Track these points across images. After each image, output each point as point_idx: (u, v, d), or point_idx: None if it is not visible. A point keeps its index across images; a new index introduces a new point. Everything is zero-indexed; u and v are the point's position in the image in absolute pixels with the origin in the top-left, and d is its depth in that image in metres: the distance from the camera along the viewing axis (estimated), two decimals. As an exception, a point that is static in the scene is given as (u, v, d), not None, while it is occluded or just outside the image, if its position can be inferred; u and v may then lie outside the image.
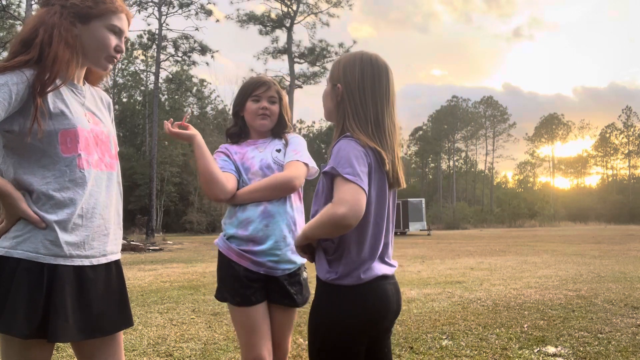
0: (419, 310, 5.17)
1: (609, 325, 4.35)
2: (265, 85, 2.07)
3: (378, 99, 1.45)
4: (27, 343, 1.40)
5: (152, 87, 29.39)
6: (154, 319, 4.92)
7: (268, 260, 1.93)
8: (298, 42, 31.68)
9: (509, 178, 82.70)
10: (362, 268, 1.40)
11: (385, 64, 1.50)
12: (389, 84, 1.48)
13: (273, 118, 2.08)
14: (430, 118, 72.03)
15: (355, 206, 1.27)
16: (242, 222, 1.94)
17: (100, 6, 1.51)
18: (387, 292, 1.45)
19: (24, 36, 1.45)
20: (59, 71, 1.46)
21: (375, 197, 1.41)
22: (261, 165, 2.00)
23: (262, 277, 1.94)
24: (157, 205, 37.01)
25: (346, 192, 1.29)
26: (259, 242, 1.92)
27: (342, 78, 1.46)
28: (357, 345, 1.41)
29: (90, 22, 1.51)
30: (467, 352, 3.63)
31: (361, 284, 1.40)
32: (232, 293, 1.94)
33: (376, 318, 1.43)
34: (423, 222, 32.54)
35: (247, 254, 1.93)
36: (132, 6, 27.71)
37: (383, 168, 1.42)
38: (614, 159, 74.07)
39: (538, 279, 7.66)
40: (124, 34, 1.59)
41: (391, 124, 1.47)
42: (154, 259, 13.13)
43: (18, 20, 21.71)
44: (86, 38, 1.52)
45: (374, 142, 1.41)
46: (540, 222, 54.77)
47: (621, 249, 14.06)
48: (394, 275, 1.53)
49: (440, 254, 13.57)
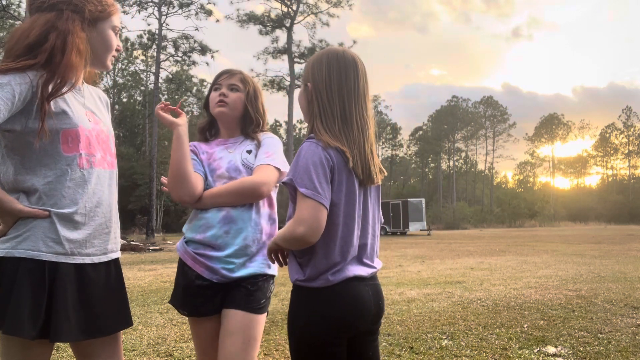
0: (419, 310, 5.17)
1: (609, 325, 4.35)
2: (227, 73, 1.94)
3: (345, 94, 1.44)
4: (29, 343, 1.39)
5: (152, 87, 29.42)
6: (154, 319, 4.92)
7: (222, 267, 1.77)
8: (298, 42, 31.71)
9: (509, 178, 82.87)
10: (331, 270, 1.39)
11: (354, 58, 1.49)
12: (358, 77, 1.47)
13: (233, 106, 1.89)
14: (430, 118, 72.09)
15: (313, 224, 1.31)
16: (202, 226, 1.80)
17: (107, 9, 1.56)
18: (360, 293, 1.42)
19: (31, 40, 1.43)
20: (70, 77, 1.48)
21: (344, 198, 1.39)
22: (228, 168, 1.85)
23: (216, 285, 1.78)
24: (157, 205, 37.01)
25: (304, 211, 1.32)
26: (216, 248, 1.78)
27: (310, 77, 1.48)
28: (332, 347, 1.39)
29: (97, 25, 1.55)
30: (467, 352, 3.63)
31: (330, 286, 1.39)
32: (182, 302, 1.84)
33: (348, 319, 1.40)
34: (423, 222, 32.55)
35: (202, 259, 1.78)
36: (132, 6, 27.73)
37: (349, 166, 1.39)
38: (614, 159, 74.14)
39: (538, 279, 7.66)
40: (118, 33, 1.64)
41: (360, 118, 1.45)
42: (154, 259, 13.13)
43: (18, 20, 21.71)
44: (95, 41, 1.55)
45: (338, 141, 1.39)
46: (540, 222, 54.79)
47: (621, 249, 14.06)
48: (373, 277, 1.50)
49: (440, 254, 13.56)
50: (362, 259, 1.46)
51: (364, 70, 1.49)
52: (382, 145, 72.95)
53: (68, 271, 1.44)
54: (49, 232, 1.43)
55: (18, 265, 1.39)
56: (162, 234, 34.58)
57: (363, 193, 1.46)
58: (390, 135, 72.91)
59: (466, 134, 70.31)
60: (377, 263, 1.53)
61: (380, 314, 1.51)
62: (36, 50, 1.42)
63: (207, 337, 1.83)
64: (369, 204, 1.48)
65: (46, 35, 1.43)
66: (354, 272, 1.42)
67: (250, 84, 1.95)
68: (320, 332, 1.39)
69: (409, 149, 75.42)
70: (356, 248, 1.44)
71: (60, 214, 1.45)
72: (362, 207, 1.46)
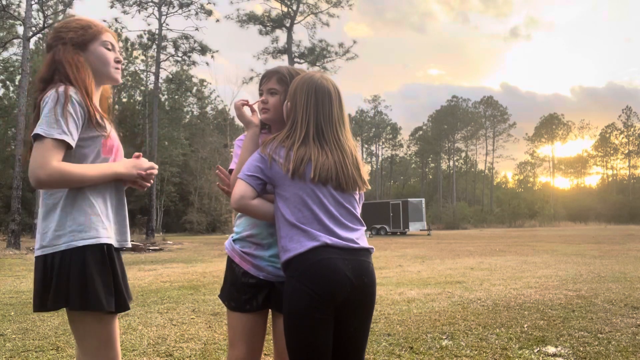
0: (419, 310, 5.17)
1: (609, 325, 4.35)
2: (265, 77, 1.97)
3: (320, 119, 1.76)
4: (110, 316, 1.70)
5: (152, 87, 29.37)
6: (154, 319, 4.92)
7: (268, 265, 1.88)
8: (298, 42, 31.67)
9: (509, 178, 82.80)
10: (301, 242, 1.66)
11: (333, 87, 1.81)
12: (332, 106, 1.79)
13: (274, 111, 1.92)
14: (430, 118, 72.05)
15: (234, 196, 1.72)
16: (250, 224, 1.91)
17: (89, 31, 1.80)
18: (332, 264, 1.63)
19: (42, 75, 1.75)
20: (87, 88, 1.74)
21: (290, 193, 1.71)
22: None
23: (262, 282, 1.89)
24: (157, 205, 37.02)
25: (235, 186, 1.74)
26: (261, 248, 1.89)
27: (291, 97, 1.80)
28: (311, 310, 1.61)
29: (88, 46, 1.80)
30: (467, 352, 3.63)
31: (300, 255, 1.64)
32: (228, 296, 1.93)
33: (321, 288, 1.61)
34: (423, 222, 32.55)
35: (248, 257, 1.89)
36: (132, 6, 27.72)
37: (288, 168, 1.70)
38: (614, 159, 74.09)
39: (538, 279, 7.67)
40: (116, 47, 1.87)
41: (335, 140, 1.77)
42: (154, 259, 13.13)
43: (18, 20, 21.69)
44: (91, 59, 1.80)
45: (286, 151, 1.72)
46: (540, 222, 54.76)
47: (621, 249, 14.06)
48: (354, 251, 1.69)
49: (440, 254, 13.56)
50: (337, 233, 1.69)
51: (337, 98, 1.81)
52: (382, 145, 72.98)
53: (115, 253, 1.75)
54: (97, 224, 1.71)
55: (84, 253, 1.65)
56: (162, 234, 34.57)
57: (326, 191, 1.72)
58: (390, 135, 72.91)
59: (466, 134, 70.28)
60: (360, 240, 1.74)
61: (364, 289, 1.69)
62: (49, 82, 1.73)
63: (242, 330, 1.90)
64: (331, 197, 1.73)
65: (50, 68, 1.75)
66: (320, 242, 1.64)
67: (289, 80, 1.91)
68: (297, 301, 1.62)
69: (409, 149, 75.48)
70: (322, 228, 1.68)
71: (103, 204, 1.77)
72: (323, 200, 1.70)
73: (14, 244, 16.39)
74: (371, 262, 1.75)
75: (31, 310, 5.44)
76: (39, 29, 20.95)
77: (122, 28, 29.18)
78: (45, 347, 3.89)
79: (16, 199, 16.83)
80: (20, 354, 3.70)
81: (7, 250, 15.74)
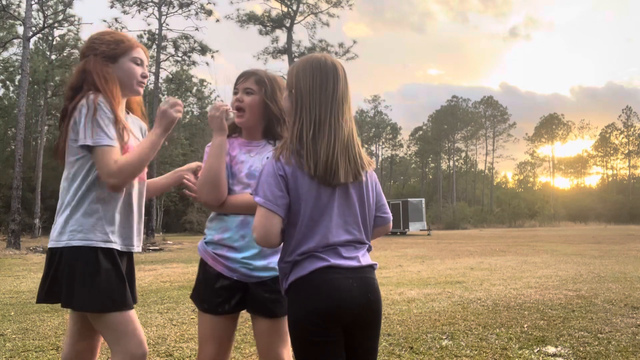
0: (419, 310, 5.17)
1: (609, 325, 4.35)
2: (242, 77, 1.93)
3: (324, 100, 1.55)
4: (102, 314, 1.79)
5: (152, 87, 29.32)
6: (154, 319, 4.92)
7: (241, 267, 1.85)
8: (298, 42, 31.66)
9: (509, 178, 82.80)
10: (302, 264, 1.51)
11: (334, 65, 1.60)
12: (337, 83, 1.58)
13: (249, 111, 1.89)
14: (430, 118, 72.03)
15: (261, 231, 1.48)
16: (221, 228, 1.88)
17: (121, 45, 1.91)
18: (337, 284, 1.48)
19: (72, 83, 1.86)
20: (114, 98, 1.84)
21: (303, 203, 1.50)
22: (247, 174, 1.88)
23: (236, 284, 1.86)
24: (157, 205, 37.01)
25: (256, 219, 1.50)
26: (234, 250, 1.86)
27: (294, 84, 1.58)
28: (319, 337, 1.46)
29: (118, 59, 1.90)
30: (467, 352, 3.63)
31: (305, 280, 1.49)
32: (201, 298, 1.91)
33: (327, 310, 1.46)
34: (423, 222, 32.55)
35: (221, 259, 1.86)
36: (132, 6, 27.72)
37: (308, 173, 1.50)
38: (614, 159, 74.08)
39: (538, 279, 7.66)
40: (145, 63, 1.97)
41: (335, 121, 1.55)
42: (154, 259, 13.13)
43: (18, 20, 21.69)
44: (119, 72, 1.90)
45: (303, 151, 1.50)
46: (540, 222, 54.76)
47: (621, 249, 14.06)
48: (357, 269, 1.54)
49: (440, 254, 13.57)
50: (340, 253, 1.53)
51: (344, 76, 1.61)
52: (382, 145, 72.96)
53: (119, 255, 1.86)
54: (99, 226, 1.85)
55: (97, 253, 1.79)
56: (162, 234, 34.59)
57: (337, 193, 1.54)
58: (390, 135, 72.89)
59: (466, 134, 70.27)
60: (363, 257, 1.58)
61: (371, 306, 1.55)
62: (78, 90, 1.83)
63: (212, 332, 1.90)
64: (344, 202, 1.56)
65: (79, 77, 1.86)
66: (323, 264, 1.49)
67: (266, 82, 1.90)
68: (302, 324, 1.49)
69: (409, 149, 75.46)
70: (327, 244, 1.52)
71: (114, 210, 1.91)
72: (335, 206, 1.54)
73: (14, 244, 16.38)
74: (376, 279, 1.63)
75: (31, 310, 5.45)
76: (39, 29, 20.97)
77: (122, 28, 29.13)
78: (45, 347, 3.89)
79: (16, 199, 16.82)
80: (20, 354, 3.69)
81: (7, 250, 15.73)
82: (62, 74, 30.91)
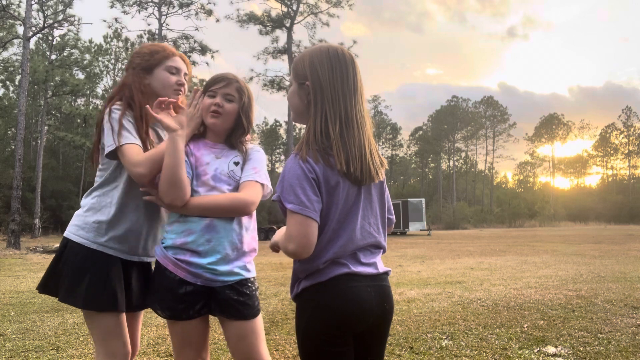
0: (419, 310, 5.17)
1: (609, 325, 4.35)
2: (224, 81, 1.89)
3: (347, 93, 1.43)
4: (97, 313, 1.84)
5: (152, 87, 29.35)
6: (153, 319, 4.91)
7: (206, 272, 1.79)
8: (298, 42, 31.68)
9: (509, 178, 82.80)
10: (322, 270, 1.41)
11: (351, 55, 1.48)
12: (356, 75, 1.46)
13: (226, 117, 1.88)
14: (430, 118, 72.01)
15: (301, 240, 1.34)
16: (184, 232, 1.80)
17: (155, 56, 1.97)
18: (357, 292, 1.41)
19: (110, 94, 2.00)
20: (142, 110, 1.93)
21: (333, 205, 1.40)
22: (214, 176, 1.84)
23: (199, 289, 1.80)
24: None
25: (292, 227, 1.34)
26: (197, 255, 1.79)
27: (310, 75, 1.43)
28: (332, 347, 1.39)
29: (153, 70, 1.97)
30: (467, 352, 3.63)
31: (322, 286, 1.41)
32: (162, 305, 1.83)
33: (344, 318, 1.39)
34: (423, 222, 32.55)
35: (183, 264, 1.79)
36: (132, 6, 27.72)
37: (339, 171, 1.39)
38: (614, 159, 74.05)
39: (538, 279, 7.66)
40: (182, 71, 2.01)
41: (360, 116, 1.44)
42: (154, 259, 13.12)
43: (18, 20, 21.68)
44: (155, 83, 1.97)
45: (332, 147, 1.38)
46: (540, 222, 54.78)
47: (621, 249, 14.06)
48: (375, 277, 1.47)
49: (440, 254, 13.57)
50: (359, 259, 1.45)
51: (359, 67, 1.49)
52: (382, 145, 72.90)
53: (115, 261, 1.91)
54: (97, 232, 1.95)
55: (104, 258, 1.88)
56: (162, 234, 34.49)
57: (362, 193, 1.46)
58: (390, 135, 72.87)
59: (466, 134, 70.26)
60: (379, 263, 1.51)
61: (385, 315, 1.49)
62: (109, 100, 1.96)
63: (183, 338, 1.85)
64: (368, 203, 1.48)
65: (120, 89, 1.97)
66: (344, 270, 1.41)
67: (246, 93, 1.92)
68: (318, 334, 1.39)
69: (409, 149, 75.43)
70: (351, 249, 1.43)
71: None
72: (360, 208, 1.45)
73: (14, 244, 16.39)
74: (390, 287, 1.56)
75: (31, 310, 5.45)
76: (39, 29, 20.95)
77: (122, 28, 29.18)
78: (45, 347, 3.89)
79: (16, 199, 16.82)
80: (20, 354, 3.69)
81: (7, 250, 15.74)
82: (62, 74, 30.92)
